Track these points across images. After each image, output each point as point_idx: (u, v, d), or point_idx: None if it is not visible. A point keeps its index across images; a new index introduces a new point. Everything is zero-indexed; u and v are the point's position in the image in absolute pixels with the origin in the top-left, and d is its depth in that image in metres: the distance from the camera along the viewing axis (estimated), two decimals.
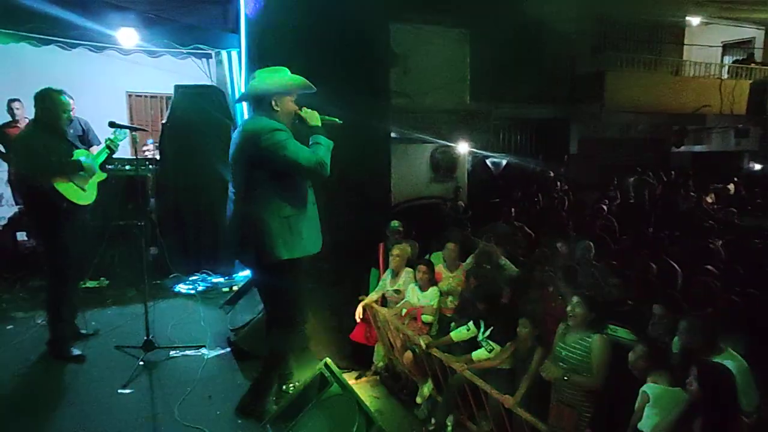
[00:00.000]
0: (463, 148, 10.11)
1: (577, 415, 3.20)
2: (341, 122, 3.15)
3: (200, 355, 4.08)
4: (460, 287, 4.61)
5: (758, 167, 14.91)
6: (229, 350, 4.18)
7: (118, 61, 6.50)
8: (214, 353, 4.12)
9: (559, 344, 3.41)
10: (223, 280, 5.86)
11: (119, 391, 3.52)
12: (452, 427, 4.04)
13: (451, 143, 9.97)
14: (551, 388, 3.36)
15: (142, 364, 3.80)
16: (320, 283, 4.41)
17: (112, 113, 5.28)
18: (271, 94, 2.96)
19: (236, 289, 5.41)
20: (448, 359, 3.91)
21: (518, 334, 3.67)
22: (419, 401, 4.41)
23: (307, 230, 3.05)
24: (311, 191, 3.14)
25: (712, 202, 10.27)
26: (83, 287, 5.02)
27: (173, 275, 5.84)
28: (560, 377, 3.25)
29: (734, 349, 2.88)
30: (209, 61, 6.90)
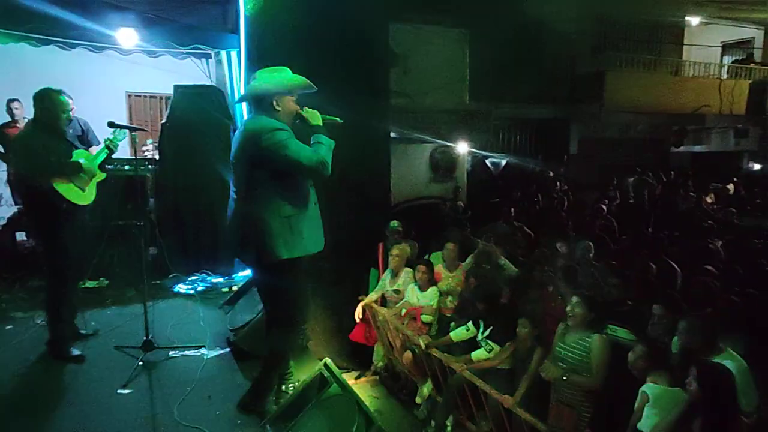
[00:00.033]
0: (462, 148, 10.12)
1: (576, 415, 3.20)
2: (342, 121, 3.15)
3: (200, 355, 4.07)
4: (459, 287, 4.61)
5: (757, 167, 14.92)
6: (228, 350, 4.17)
7: (117, 61, 6.49)
8: (213, 353, 4.11)
9: (558, 344, 3.41)
10: (222, 280, 5.84)
11: (119, 391, 3.51)
12: (452, 427, 4.04)
13: (450, 143, 9.98)
14: (551, 388, 3.36)
15: (141, 364, 3.79)
16: (320, 282, 4.42)
17: (111, 113, 5.28)
18: (272, 93, 2.95)
19: (236, 289, 5.39)
20: (447, 359, 3.92)
21: (518, 334, 3.67)
22: (419, 401, 4.42)
23: (308, 230, 3.04)
24: (313, 191, 3.14)
25: (711, 202, 10.29)
26: (82, 287, 5.00)
27: (172, 275, 5.82)
28: (560, 377, 3.25)
29: (734, 349, 2.88)
30: (209, 61, 6.89)
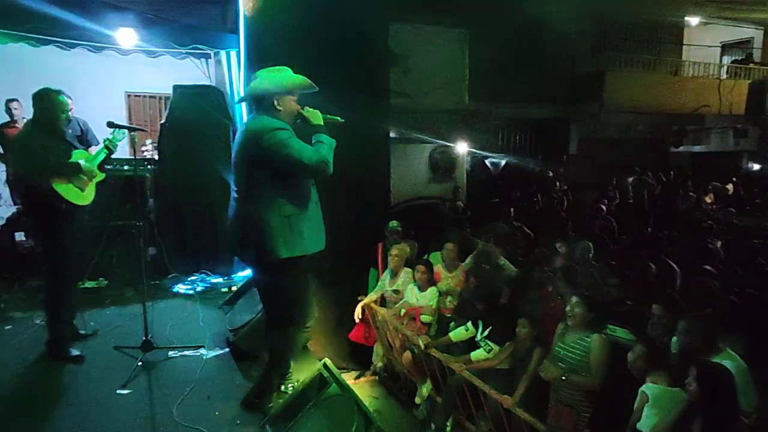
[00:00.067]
0: (462, 148, 10.11)
1: (575, 415, 3.19)
2: (343, 121, 3.15)
3: (199, 355, 4.07)
4: (458, 287, 4.61)
5: (757, 167, 14.92)
6: (227, 350, 4.17)
7: (116, 61, 6.50)
8: (212, 353, 4.11)
9: (558, 344, 3.41)
10: (221, 280, 5.84)
11: (118, 391, 3.50)
12: (451, 427, 4.03)
13: (450, 143, 9.97)
14: (550, 388, 3.36)
15: (140, 364, 3.79)
16: (320, 282, 4.41)
17: (110, 113, 5.29)
18: (273, 93, 2.95)
19: (235, 289, 5.40)
20: (446, 359, 3.91)
21: (517, 334, 3.67)
22: (418, 401, 4.41)
23: (308, 229, 3.04)
24: (314, 190, 3.14)
25: (711, 202, 10.29)
26: (82, 287, 4.99)
27: (172, 275, 5.82)
28: (559, 377, 3.25)
29: (733, 349, 2.88)
30: (208, 61, 6.89)
